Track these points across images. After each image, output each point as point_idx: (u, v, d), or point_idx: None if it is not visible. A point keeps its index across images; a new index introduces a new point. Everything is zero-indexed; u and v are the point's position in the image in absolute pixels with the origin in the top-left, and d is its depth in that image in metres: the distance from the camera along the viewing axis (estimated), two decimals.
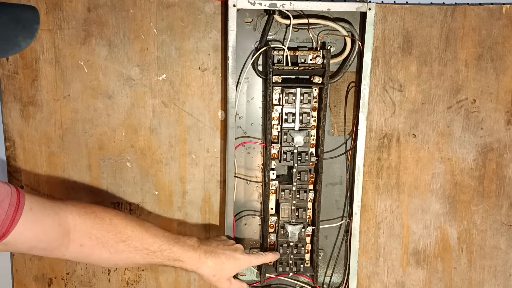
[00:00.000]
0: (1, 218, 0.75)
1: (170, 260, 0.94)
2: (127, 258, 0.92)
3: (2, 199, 0.76)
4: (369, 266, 1.18)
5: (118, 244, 0.90)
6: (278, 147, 1.07)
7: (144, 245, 0.92)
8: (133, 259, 0.93)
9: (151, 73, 1.08)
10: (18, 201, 0.79)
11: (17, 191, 0.80)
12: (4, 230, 0.76)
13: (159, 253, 0.93)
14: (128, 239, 0.91)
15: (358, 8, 1.01)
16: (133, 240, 0.91)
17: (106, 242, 0.90)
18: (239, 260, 0.99)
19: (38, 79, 1.07)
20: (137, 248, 0.92)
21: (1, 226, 0.75)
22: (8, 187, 0.79)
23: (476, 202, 1.16)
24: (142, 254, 0.92)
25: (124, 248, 0.91)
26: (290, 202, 1.08)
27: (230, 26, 1.01)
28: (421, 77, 1.11)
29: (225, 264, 0.97)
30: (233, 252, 0.99)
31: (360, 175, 1.08)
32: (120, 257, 0.91)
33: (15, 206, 0.78)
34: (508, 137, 1.14)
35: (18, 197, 0.79)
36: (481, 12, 1.08)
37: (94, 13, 1.05)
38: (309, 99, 1.04)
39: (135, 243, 0.92)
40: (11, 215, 0.77)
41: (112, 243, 0.90)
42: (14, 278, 1.14)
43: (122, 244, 0.91)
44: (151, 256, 0.93)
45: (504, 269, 1.19)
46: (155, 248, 0.93)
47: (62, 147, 1.10)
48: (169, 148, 1.11)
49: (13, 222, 0.77)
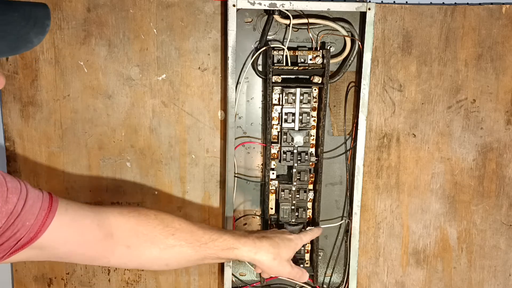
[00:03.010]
0: (31, 221, 0.74)
1: (224, 250, 0.88)
2: (179, 254, 0.86)
3: (31, 204, 0.75)
4: (369, 266, 1.18)
5: (167, 238, 0.85)
6: (278, 147, 1.07)
7: (195, 237, 0.86)
8: (185, 254, 0.86)
9: (151, 73, 1.08)
10: (50, 205, 0.77)
11: (49, 196, 0.79)
12: (32, 235, 0.75)
13: (211, 244, 0.87)
14: (177, 231, 0.85)
15: (358, 8, 1.01)
16: (183, 233, 0.86)
17: (154, 238, 0.84)
18: (292, 241, 0.94)
19: (38, 79, 1.07)
20: (187, 240, 0.86)
21: (30, 230, 0.74)
22: (40, 192, 0.78)
23: (476, 202, 1.16)
24: (194, 246, 0.86)
25: (174, 242, 0.85)
26: (290, 202, 1.08)
27: (230, 26, 1.01)
28: (421, 77, 1.11)
29: (281, 246, 0.92)
30: (282, 233, 0.95)
31: (360, 175, 1.08)
32: (172, 253, 0.86)
33: (47, 210, 0.76)
34: (508, 137, 1.14)
35: (51, 201, 0.78)
36: (480, 12, 1.08)
37: (94, 13, 1.05)
38: (309, 99, 1.04)
39: (185, 235, 0.86)
40: (42, 219, 0.75)
41: (161, 238, 0.85)
42: (14, 278, 1.14)
43: (171, 238, 0.85)
44: (204, 248, 0.87)
45: (504, 269, 1.19)
46: (206, 239, 0.87)
47: (62, 147, 1.10)
48: (169, 148, 1.11)
49: (43, 226, 0.75)
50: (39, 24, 0.57)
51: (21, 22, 0.56)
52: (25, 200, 0.75)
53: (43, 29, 0.58)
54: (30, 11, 0.57)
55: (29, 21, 0.56)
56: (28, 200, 0.75)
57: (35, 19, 0.57)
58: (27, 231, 0.74)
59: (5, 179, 0.74)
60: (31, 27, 0.56)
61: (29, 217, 0.75)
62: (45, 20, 0.58)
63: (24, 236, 0.74)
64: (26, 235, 0.74)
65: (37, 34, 0.57)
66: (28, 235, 0.75)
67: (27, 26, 0.56)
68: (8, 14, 0.55)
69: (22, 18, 0.56)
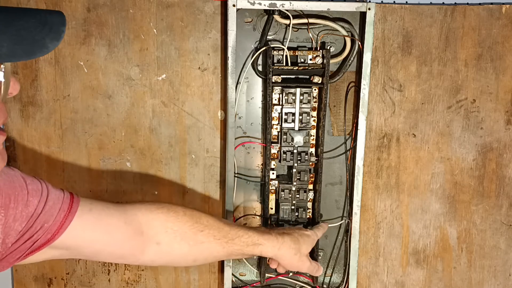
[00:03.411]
0: (50, 223, 0.75)
1: (249, 246, 0.90)
2: (207, 249, 0.88)
3: (51, 205, 0.75)
4: (369, 266, 1.18)
5: (196, 235, 0.86)
6: (277, 147, 1.07)
7: (222, 233, 0.88)
8: (212, 250, 0.88)
9: (151, 73, 1.08)
10: (71, 206, 0.77)
11: (70, 197, 0.79)
12: (50, 236, 0.75)
13: (238, 240, 0.89)
14: (206, 228, 0.87)
15: (357, 8, 1.01)
16: (211, 229, 0.88)
17: (184, 234, 0.86)
18: (309, 236, 0.97)
19: (37, 79, 1.07)
20: (215, 237, 0.88)
21: (46, 232, 0.75)
22: (61, 193, 0.78)
23: (476, 202, 1.16)
24: (222, 243, 0.88)
25: (203, 238, 0.87)
26: (290, 202, 1.08)
27: (229, 26, 1.01)
28: (421, 77, 1.11)
29: (300, 242, 0.94)
30: (300, 230, 0.97)
31: (360, 175, 1.08)
32: (200, 249, 0.87)
33: (66, 211, 0.76)
34: (508, 137, 1.14)
35: (71, 202, 0.78)
36: (480, 12, 1.08)
37: (94, 13, 1.05)
38: (309, 99, 1.04)
39: (213, 232, 0.88)
40: (60, 220, 0.75)
41: (190, 235, 0.86)
42: (14, 278, 1.14)
43: (200, 234, 0.87)
44: (230, 244, 0.89)
45: (503, 269, 1.19)
46: (233, 235, 0.89)
47: (61, 147, 1.10)
48: (169, 148, 1.11)
49: (62, 227, 0.75)
50: (54, 29, 0.59)
51: (37, 28, 0.57)
52: (45, 202, 0.75)
53: (58, 35, 0.59)
54: (46, 17, 0.59)
55: (45, 27, 0.58)
56: (48, 202, 0.75)
57: (51, 25, 0.59)
58: (45, 232, 0.74)
59: (26, 181, 0.74)
60: (46, 32, 0.58)
61: (48, 218, 0.75)
62: (60, 26, 0.60)
63: (41, 237, 0.74)
64: (43, 236, 0.74)
65: (52, 40, 0.59)
66: (45, 236, 0.75)
67: (43, 32, 0.58)
68: (24, 19, 0.57)
69: (38, 24, 0.58)
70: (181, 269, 1.16)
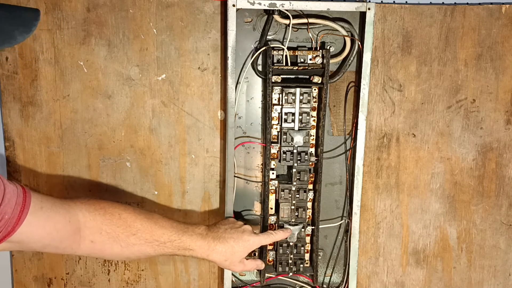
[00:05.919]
0: (8, 216, 0.78)
1: (180, 250, 0.96)
2: (138, 251, 0.93)
3: (9, 198, 0.78)
4: (368, 265, 1.18)
5: (128, 238, 0.92)
6: (277, 147, 1.07)
7: (154, 237, 0.93)
8: (144, 252, 0.94)
9: (151, 73, 1.08)
10: (24, 200, 0.81)
11: (23, 191, 0.82)
12: (10, 229, 0.79)
13: (169, 244, 0.94)
14: (138, 232, 0.92)
15: (357, 8, 1.01)
16: (143, 233, 0.93)
17: (117, 237, 0.91)
18: (248, 242, 0.99)
19: (37, 79, 1.07)
20: (147, 240, 0.93)
21: (7, 224, 0.78)
22: (15, 186, 0.81)
23: (476, 202, 1.16)
24: (153, 246, 0.94)
25: (134, 241, 0.92)
26: (290, 202, 1.08)
27: (229, 26, 1.01)
28: (421, 77, 1.11)
29: (235, 248, 0.98)
30: (241, 234, 0.99)
31: (360, 175, 1.08)
32: (132, 250, 0.93)
33: (21, 205, 0.80)
34: (508, 136, 1.14)
35: (24, 197, 0.81)
36: (480, 11, 1.08)
37: (94, 13, 1.05)
38: (309, 99, 1.04)
39: (145, 236, 0.93)
40: (17, 214, 0.79)
41: (123, 237, 0.91)
42: (13, 278, 1.14)
43: (132, 237, 0.92)
44: (162, 247, 0.94)
45: (503, 269, 1.19)
46: (165, 239, 0.94)
47: (61, 147, 1.10)
48: (168, 148, 1.11)
49: (19, 221, 0.79)
50: (26, 23, 0.61)
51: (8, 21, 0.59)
52: (3, 195, 0.78)
53: (29, 29, 0.62)
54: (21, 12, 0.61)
55: (16, 20, 0.60)
56: (6, 195, 0.78)
57: (24, 19, 0.62)
58: (5, 224, 0.78)
59: None
60: (16, 25, 0.60)
61: (8, 210, 0.78)
62: (32, 20, 0.62)
63: (2, 230, 0.78)
64: (4, 229, 0.78)
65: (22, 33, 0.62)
66: (6, 229, 0.78)
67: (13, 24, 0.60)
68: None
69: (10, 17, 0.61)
70: (181, 269, 1.16)
